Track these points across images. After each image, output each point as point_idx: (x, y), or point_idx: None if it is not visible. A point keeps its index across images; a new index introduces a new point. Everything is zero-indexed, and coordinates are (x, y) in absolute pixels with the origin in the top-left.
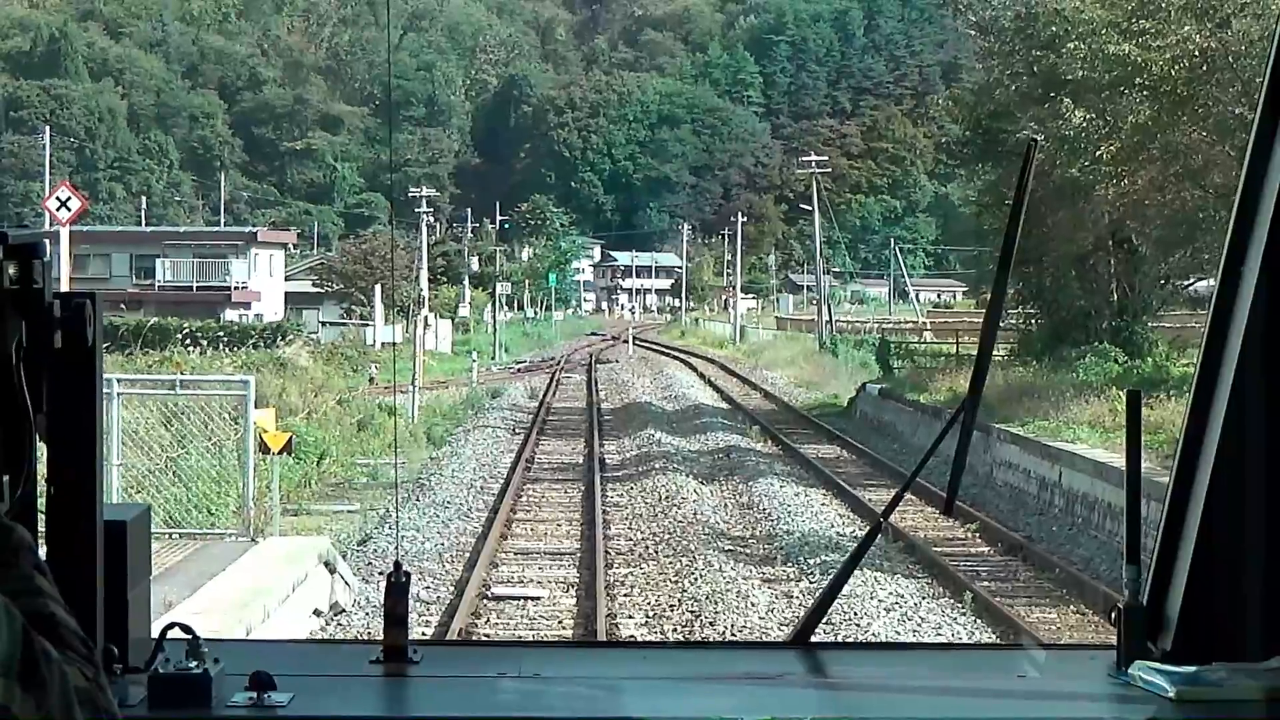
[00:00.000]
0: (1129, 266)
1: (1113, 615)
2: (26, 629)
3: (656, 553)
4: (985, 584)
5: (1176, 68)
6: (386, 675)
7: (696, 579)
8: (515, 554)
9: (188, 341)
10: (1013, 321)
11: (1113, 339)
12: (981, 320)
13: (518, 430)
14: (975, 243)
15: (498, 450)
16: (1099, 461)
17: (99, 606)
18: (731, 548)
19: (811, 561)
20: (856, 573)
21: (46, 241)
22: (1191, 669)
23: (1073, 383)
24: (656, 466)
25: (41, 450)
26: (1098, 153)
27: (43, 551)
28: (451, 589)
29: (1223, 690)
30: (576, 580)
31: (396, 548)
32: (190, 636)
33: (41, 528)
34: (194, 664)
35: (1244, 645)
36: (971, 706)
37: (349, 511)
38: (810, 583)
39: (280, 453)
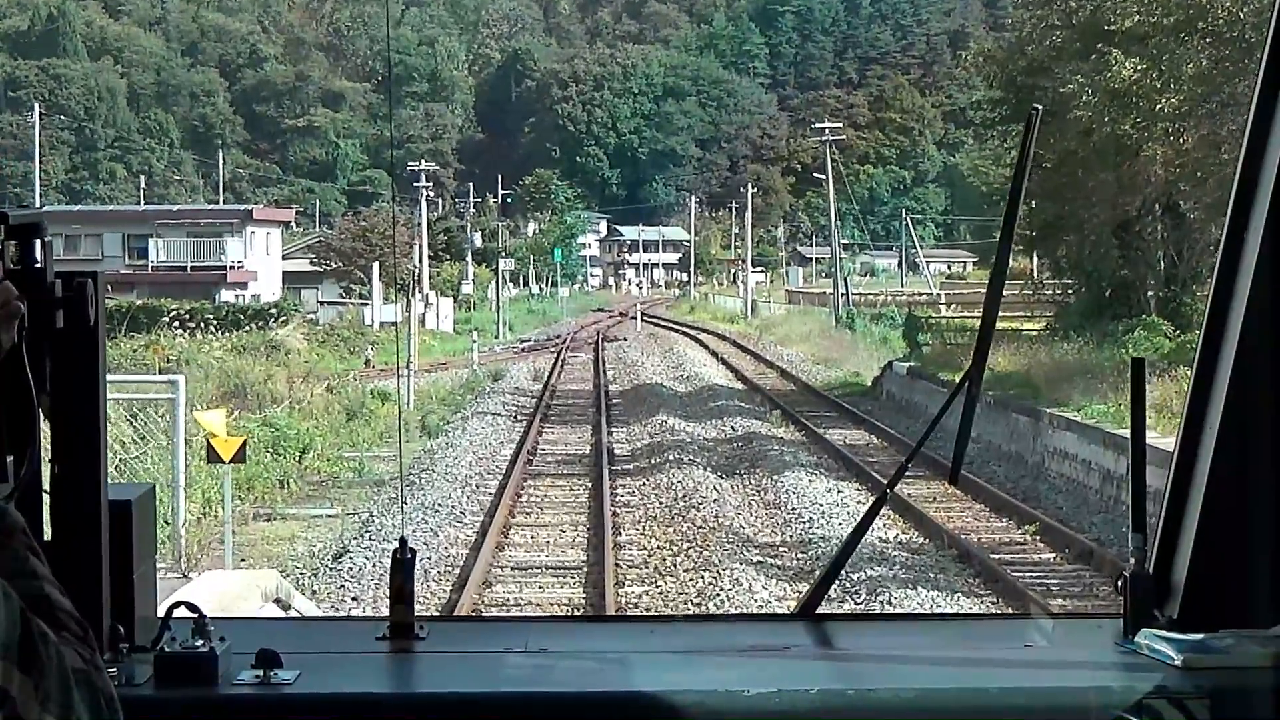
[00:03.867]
0: (1179, 232)
1: (1119, 583)
2: (24, 611)
3: (674, 566)
4: (1060, 602)
5: (1245, 10)
6: (393, 651)
7: (723, 602)
8: (512, 569)
9: (175, 324)
10: (1048, 293)
11: (1160, 310)
12: (998, 294)
13: (520, 417)
14: (989, 211)
15: (497, 440)
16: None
17: (104, 585)
18: (760, 558)
19: (855, 577)
20: (910, 592)
21: (47, 221)
22: (1198, 637)
23: (1126, 360)
24: (670, 458)
25: (45, 429)
26: (1157, 106)
27: (48, 531)
28: (437, 614)
29: (1229, 657)
30: (583, 602)
31: (402, 525)
32: (196, 615)
33: (46, 506)
34: (200, 642)
35: (1250, 612)
36: (978, 676)
37: (328, 516)
38: (856, 603)
39: (232, 461)
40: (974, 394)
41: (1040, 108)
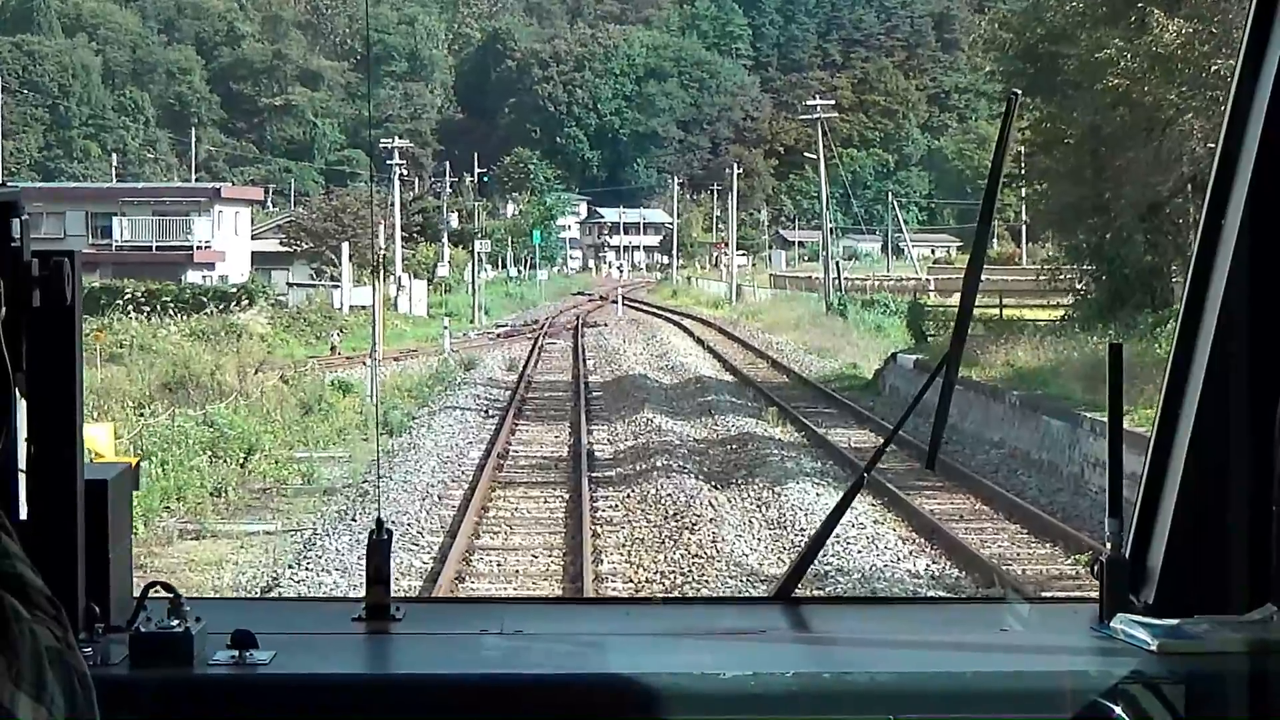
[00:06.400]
0: None
1: (1094, 568)
2: None
3: None
4: None
5: None
6: (369, 633)
7: None
8: None
9: (129, 307)
10: (1064, 281)
11: None
12: (976, 277)
13: (491, 413)
14: (974, 196)
15: (465, 440)
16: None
17: (80, 565)
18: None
19: None
20: None
21: (22, 201)
22: (1173, 622)
23: (1166, 358)
24: (658, 465)
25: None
26: (1207, 71)
27: (24, 509)
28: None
29: (1204, 643)
30: None
31: (379, 506)
32: (172, 595)
33: (23, 485)
34: (176, 622)
35: (1226, 597)
36: (954, 660)
37: (266, 533)
38: None
39: None
40: (952, 378)
41: (1019, 92)
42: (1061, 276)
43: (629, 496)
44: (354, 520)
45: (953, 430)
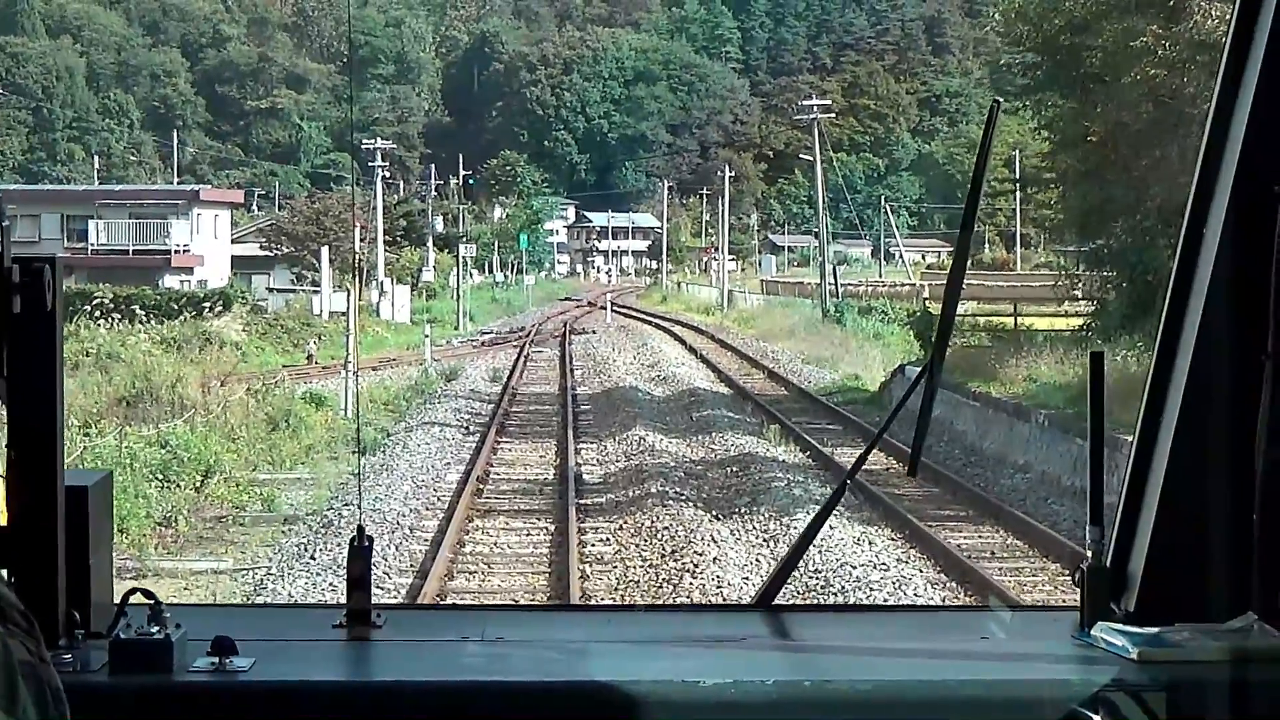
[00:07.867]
0: None
1: (1076, 576)
2: None
3: None
4: None
5: None
6: (350, 639)
7: None
8: None
9: (97, 314)
10: (1083, 287)
11: None
12: (958, 284)
13: (473, 429)
14: (964, 201)
15: (443, 461)
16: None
17: (60, 571)
18: None
19: None
20: None
21: (4, 206)
22: (1154, 630)
23: None
24: (652, 491)
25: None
26: None
27: (3, 516)
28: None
29: (1185, 651)
30: None
31: (359, 512)
32: (152, 602)
33: (2, 492)
34: (156, 629)
35: (1206, 605)
36: (935, 668)
37: (214, 572)
38: None
39: None
40: (934, 384)
41: (1001, 100)
42: (1080, 283)
43: (621, 529)
44: (313, 559)
45: (973, 452)
